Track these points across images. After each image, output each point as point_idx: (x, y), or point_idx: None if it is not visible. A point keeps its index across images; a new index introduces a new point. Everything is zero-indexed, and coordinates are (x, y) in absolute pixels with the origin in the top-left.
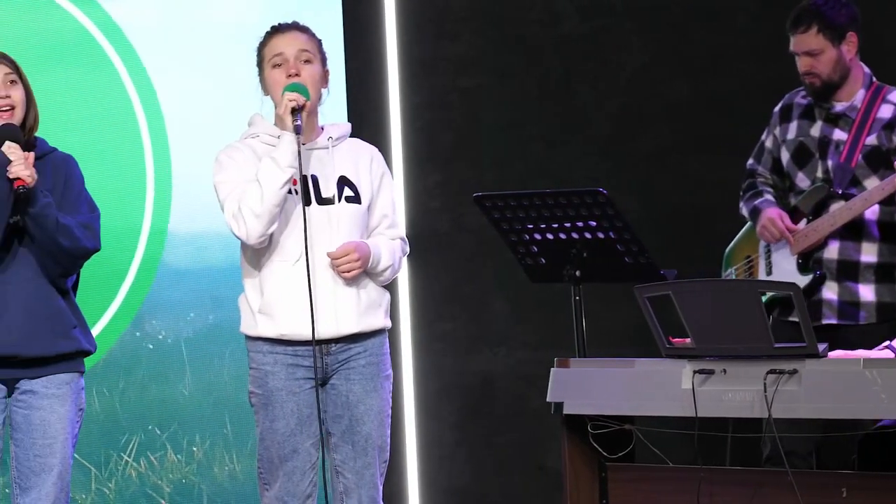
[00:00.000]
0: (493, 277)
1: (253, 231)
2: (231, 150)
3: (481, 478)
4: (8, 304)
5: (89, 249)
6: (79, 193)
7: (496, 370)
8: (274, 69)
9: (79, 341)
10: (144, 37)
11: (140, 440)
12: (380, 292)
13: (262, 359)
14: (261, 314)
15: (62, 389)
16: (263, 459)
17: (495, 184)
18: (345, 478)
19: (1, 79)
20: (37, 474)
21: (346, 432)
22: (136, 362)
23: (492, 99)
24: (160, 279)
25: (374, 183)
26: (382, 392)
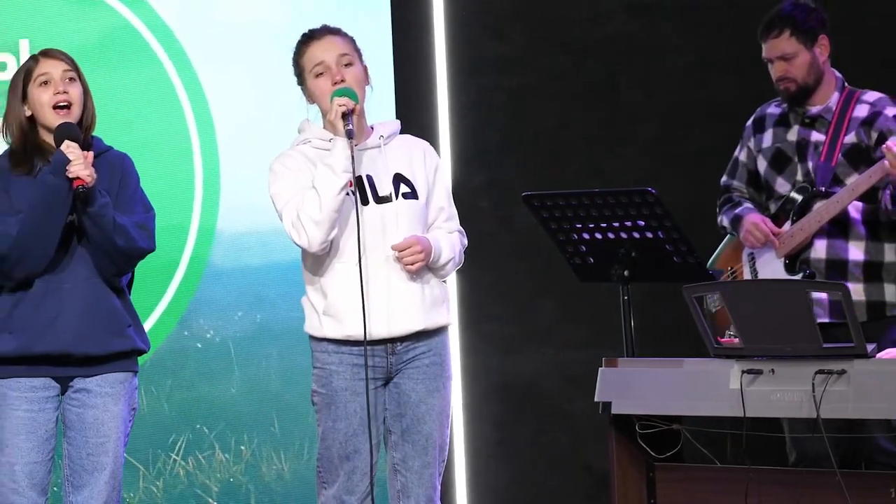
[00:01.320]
0: (541, 277)
1: (314, 238)
2: (284, 159)
3: (527, 478)
4: (63, 303)
5: (144, 249)
6: (134, 192)
7: (543, 370)
8: (317, 78)
9: (133, 340)
10: (193, 36)
11: (188, 439)
12: (442, 288)
13: (328, 359)
14: (326, 316)
15: (116, 388)
16: (324, 458)
17: (543, 183)
18: (403, 476)
19: (59, 76)
20: (89, 472)
21: (406, 431)
22: (183, 361)
23: (539, 99)
24: (208, 278)
25: (429, 178)
26: (444, 392)
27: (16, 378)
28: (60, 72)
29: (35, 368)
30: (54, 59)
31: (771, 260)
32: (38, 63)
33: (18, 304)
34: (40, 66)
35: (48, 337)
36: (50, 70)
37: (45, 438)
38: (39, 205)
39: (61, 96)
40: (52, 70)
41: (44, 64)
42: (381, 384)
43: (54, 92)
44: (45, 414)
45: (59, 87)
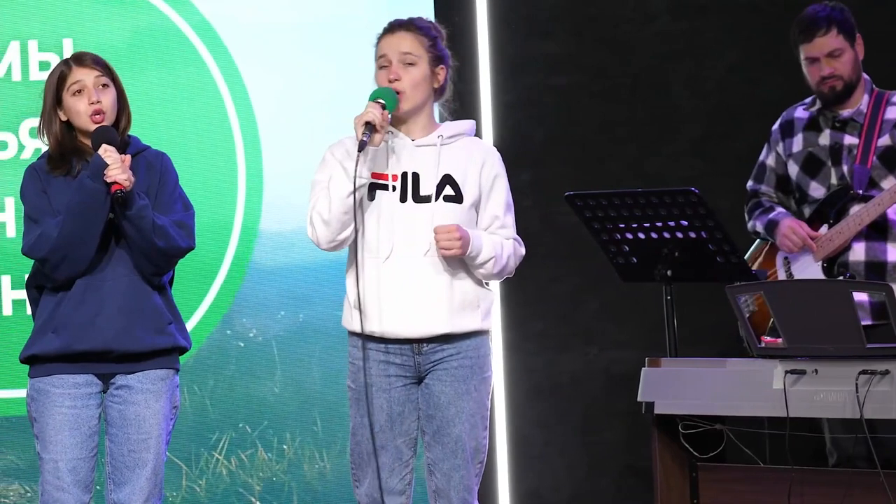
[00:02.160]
0: (584, 277)
1: (321, 237)
2: (336, 147)
3: (571, 477)
4: (104, 301)
5: (183, 248)
6: (173, 191)
7: (587, 369)
8: (380, 70)
9: (174, 337)
10: (237, 35)
11: (230, 438)
12: (479, 292)
13: (357, 353)
14: (356, 310)
15: (157, 385)
16: (354, 454)
17: (586, 183)
18: (436, 478)
19: (91, 82)
20: (131, 469)
21: (436, 433)
22: (226, 360)
23: (583, 98)
24: (251, 277)
25: (484, 184)
26: (477, 394)
27: (59, 375)
28: (93, 79)
29: (77, 365)
30: (87, 66)
31: (808, 264)
32: (72, 70)
33: (60, 303)
34: (73, 73)
35: (89, 334)
36: (83, 78)
37: (88, 435)
38: (78, 209)
39: (95, 106)
40: (84, 78)
41: (77, 71)
42: (412, 382)
43: (89, 101)
44: (87, 411)
45: (94, 97)
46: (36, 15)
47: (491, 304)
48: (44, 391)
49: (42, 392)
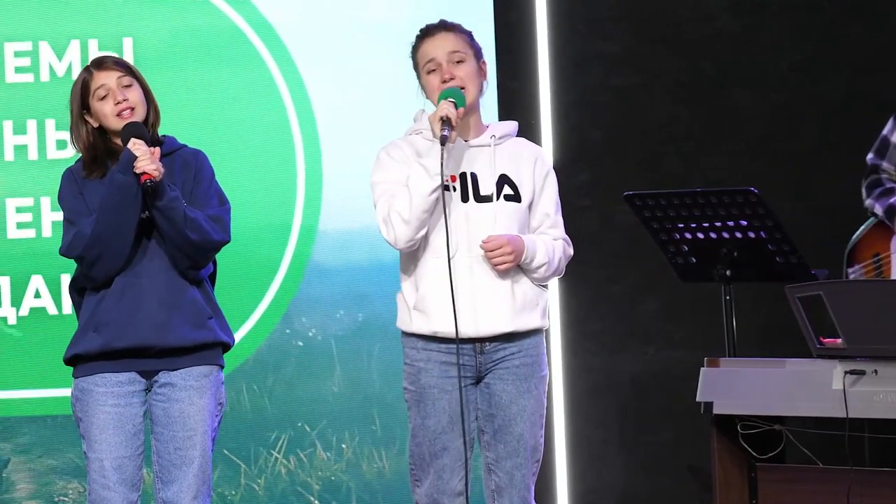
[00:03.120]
0: (643, 276)
1: (401, 236)
2: (391, 148)
3: (630, 477)
4: (143, 297)
5: (217, 242)
6: (209, 186)
7: (645, 369)
8: (429, 75)
9: (215, 332)
10: (296, 35)
11: (289, 437)
12: (537, 292)
13: (416, 355)
14: (416, 311)
15: (200, 382)
16: (415, 456)
17: (645, 183)
18: (497, 476)
19: (115, 85)
20: (178, 467)
21: (498, 432)
22: (285, 359)
23: (643, 98)
24: (310, 276)
25: (536, 183)
26: (536, 393)
27: (101, 374)
28: (115, 81)
29: (119, 363)
30: (108, 69)
31: None
32: (93, 76)
33: (101, 301)
34: (96, 78)
35: (129, 331)
36: (105, 81)
37: (132, 433)
38: (110, 203)
39: (122, 104)
40: (107, 81)
41: (98, 76)
42: (472, 382)
43: (114, 102)
44: (131, 409)
45: (118, 97)
46: (96, 14)
47: (547, 304)
48: (87, 390)
49: (86, 391)
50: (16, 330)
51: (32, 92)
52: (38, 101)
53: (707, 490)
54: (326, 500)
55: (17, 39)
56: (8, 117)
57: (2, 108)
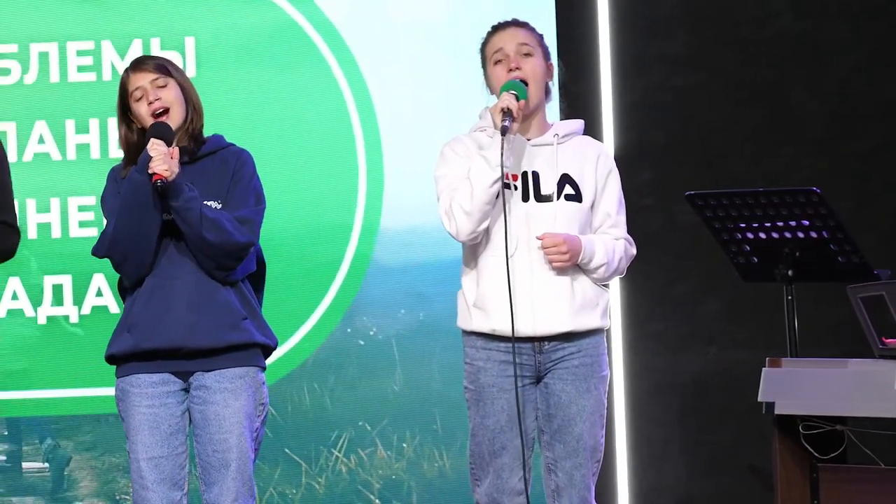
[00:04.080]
0: (705, 276)
1: (463, 228)
2: (455, 143)
3: (691, 477)
4: (173, 298)
5: (241, 244)
6: (247, 186)
7: (707, 369)
8: (495, 66)
9: (250, 333)
10: (357, 33)
11: (350, 436)
12: (597, 291)
13: (476, 354)
14: (475, 308)
15: (235, 384)
16: (474, 455)
17: (707, 182)
18: (556, 476)
19: (149, 85)
20: (217, 469)
21: (557, 432)
22: (346, 359)
23: (705, 97)
24: (371, 276)
25: (598, 182)
26: (596, 393)
27: (136, 375)
28: (149, 83)
29: (152, 364)
30: (142, 71)
31: None
32: (129, 78)
33: (134, 302)
34: (132, 80)
35: (159, 332)
36: (141, 83)
37: (168, 433)
38: (127, 202)
39: (155, 104)
40: (142, 83)
41: (134, 78)
42: (531, 382)
43: (148, 102)
44: (167, 409)
45: (151, 97)
46: (158, 13)
47: (608, 303)
48: (125, 391)
49: (124, 392)
50: (78, 328)
51: (95, 91)
52: (101, 101)
53: (768, 490)
54: (387, 498)
55: (79, 38)
56: (70, 116)
57: (64, 107)
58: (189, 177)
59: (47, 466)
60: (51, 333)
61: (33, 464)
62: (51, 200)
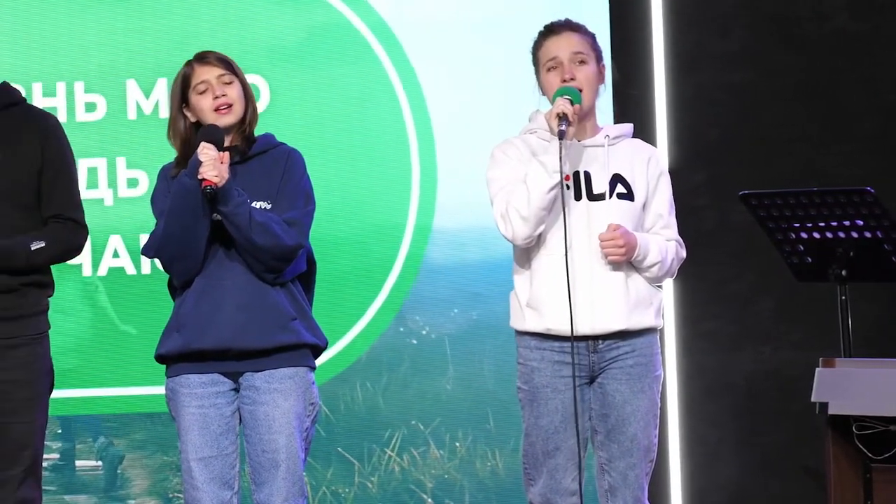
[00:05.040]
0: (759, 276)
1: (519, 233)
2: (506, 146)
3: (744, 477)
4: (223, 298)
5: (290, 247)
6: (296, 186)
7: (761, 369)
8: (549, 73)
9: (298, 334)
10: (411, 33)
11: (403, 435)
12: (651, 291)
13: (529, 354)
14: (528, 308)
15: (284, 384)
16: (528, 455)
17: (761, 181)
18: (610, 476)
19: (215, 80)
20: (266, 469)
21: (611, 431)
22: (399, 358)
23: (759, 96)
24: (424, 275)
25: (650, 183)
26: (650, 393)
27: (185, 375)
28: (216, 77)
29: (201, 365)
30: (209, 64)
31: None
32: (195, 70)
33: (183, 302)
34: (196, 73)
35: (207, 333)
36: (206, 77)
37: (218, 433)
38: (175, 206)
39: (221, 99)
40: (208, 76)
41: (200, 71)
42: (585, 382)
43: (213, 97)
44: (216, 409)
45: (217, 92)
46: (211, 15)
47: (661, 303)
48: (175, 391)
49: (174, 392)
50: (130, 327)
51: None
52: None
53: (821, 491)
54: (440, 498)
55: (135, 40)
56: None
57: None
58: (239, 176)
59: (100, 465)
60: (102, 332)
61: (87, 462)
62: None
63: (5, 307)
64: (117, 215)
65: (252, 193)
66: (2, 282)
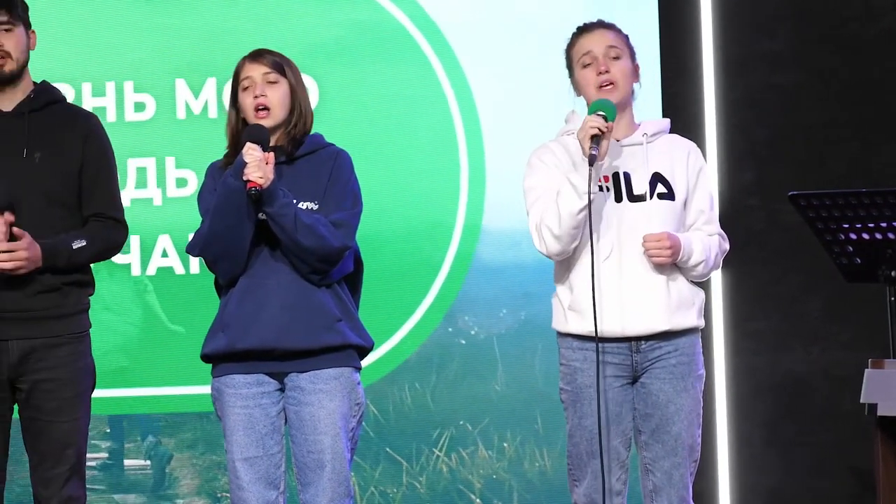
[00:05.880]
0: (808, 276)
1: (552, 249)
2: (542, 153)
3: (792, 478)
4: (267, 298)
5: (336, 248)
6: (343, 187)
7: (809, 370)
8: (584, 69)
9: (343, 335)
10: (459, 32)
11: (451, 435)
12: (693, 291)
13: (572, 355)
14: (570, 311)
15: (330, 384)
16: (572, 456)
17: (811, 182)
18: (654, 476)
19: (260, 79)
20: (312, 470)
21: (655, 431)
22: (448, 358)
23: (808, 96)
24: (473, 275)
25: (690, 179)
26: (694, 392)
27: (230, 375)
28: (261, 75)
29: (246, 365)
30: (257, 62)
31: None
32: (244, 66)
33: (228, 302)
34: (244, 69)
35: (251, 333)
36: (252, 74)
37: (263, 434)
38: (219, 205)
39: (259, 100)
40: (253, 74)
41: (247, 67)
42: (628, 382)
43: (253, 95)
44: (261, 410)
45: (258, 91)
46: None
47: (703, 303)
48: (221, 391)
49: (220, 392)
50: (179, 327)
51: None
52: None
53: (870, 492)
54: (488, 498)
55: (188, 43)
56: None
57: None
58: (286, 177)
59: (149, 464)
60: (151, 331)
61: (135, 461)
62: None
63: (48, 306)
64: (166, 215)
65: (299, 194)
66: (45, 281)
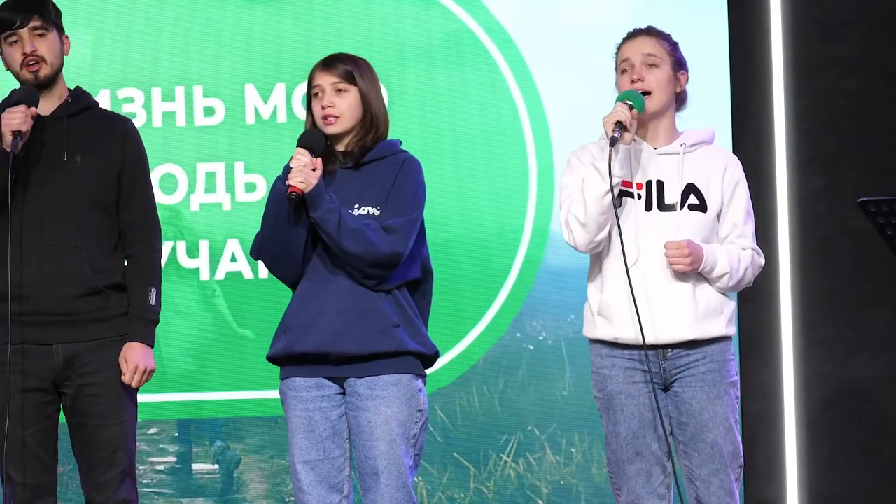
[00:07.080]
0: (877, 283)
1: (580, 240)
2: (581, 152)
3: (861, 485)
4: (326, 302)
5: (385, 254)
6: (405, 194)
7: (878, 376)
8: (622, 75)
9: (400, 340)
10: (529, 38)
11: (519, 440)
12: (722, 300)
13: (601, 362)
14: (599, 316)
15: (387, 391)
16: (611, 462)
17: (881, 188)
18: (695, 486)
19: (329, 88)
20: (370, 476)
21: (692, 440)
22: (516, 362)
23: (879, 101)
24: (541, 280)
25: (725, 192)
26: (727, 398)
27: (292, 378)
28: (329, 84)
29: (306, 368)
30: (327, 71)
31: None
32: (315, 73)
33: (291, 305)
34: (316, 76)
35: (309, 336)
36: (321, 82)
37: (324, 437)
38: (269, 209)
39: (327, 109)
40: (322, 82)
41: (318, 75)
42: (660, 388)
43: (321, 105)
44: (322, 413)
45: (325, 101)
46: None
47: (733, 312)
48: (285, 394)
49: (284, 394)
50: (248, 331)
51: None
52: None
53: None
54: (555, 503)
55: (254, 46)
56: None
57: None
58: (350, 181)
59: (217, 468)
60: (219, 335)
61: (203, 465)
62: None
63: (91, 309)
64: (235, 220)
65: (362, 199)
66: (89, 285)
